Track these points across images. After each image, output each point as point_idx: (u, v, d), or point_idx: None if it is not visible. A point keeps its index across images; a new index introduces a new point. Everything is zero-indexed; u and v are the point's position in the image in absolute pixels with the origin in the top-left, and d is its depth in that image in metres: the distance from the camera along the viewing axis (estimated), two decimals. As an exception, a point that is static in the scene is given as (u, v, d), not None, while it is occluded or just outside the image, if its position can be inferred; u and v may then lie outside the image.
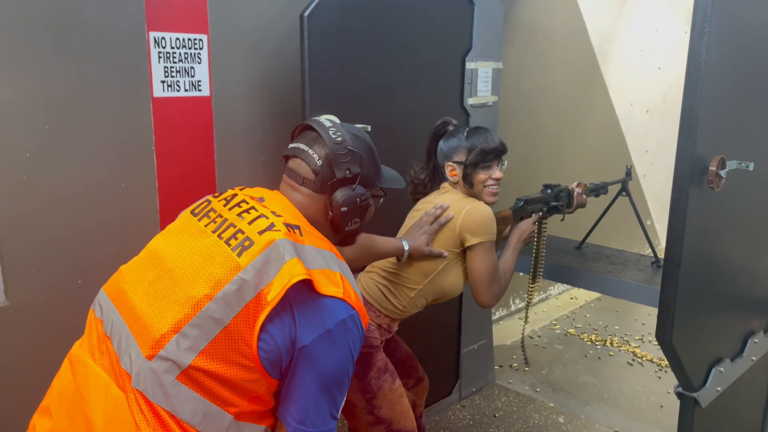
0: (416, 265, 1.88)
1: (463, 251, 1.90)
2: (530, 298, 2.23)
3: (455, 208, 1.87)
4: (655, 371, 3.48)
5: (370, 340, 1.85)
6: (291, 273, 1.13)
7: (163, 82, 2.06)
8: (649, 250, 5.03)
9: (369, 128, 2.31)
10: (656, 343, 3.73)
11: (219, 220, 1.26)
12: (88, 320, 1.30)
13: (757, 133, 1.82)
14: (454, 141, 1.93)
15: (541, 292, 4.46)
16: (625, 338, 3.91)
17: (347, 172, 1.32)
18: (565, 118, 4.24)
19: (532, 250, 2.16)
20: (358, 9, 2.23)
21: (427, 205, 1.95)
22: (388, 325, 1.93)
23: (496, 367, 3.41)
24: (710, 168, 1.57)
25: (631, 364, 3.56)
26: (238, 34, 2.24)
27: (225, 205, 1.30)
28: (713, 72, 1.51)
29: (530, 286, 2.21)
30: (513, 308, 4.21)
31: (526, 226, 2.06)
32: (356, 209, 1.34)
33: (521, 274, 2.47)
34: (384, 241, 1.83)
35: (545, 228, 2.14)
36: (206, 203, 1.35)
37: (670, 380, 3.36)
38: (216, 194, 1.38)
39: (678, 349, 1.65)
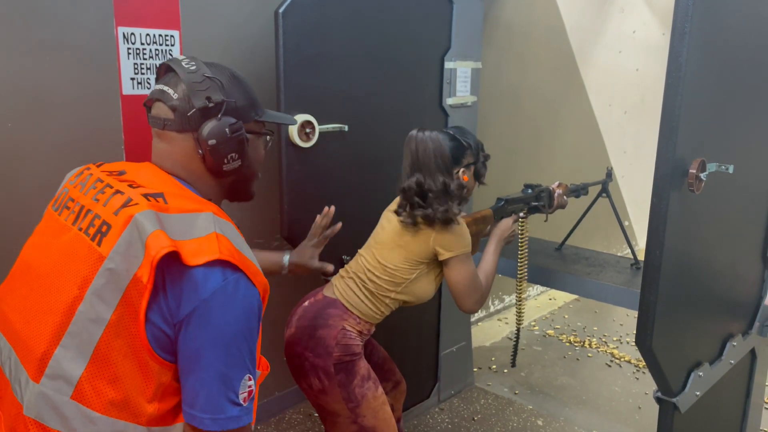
0: (388, 274, 1.85)
1: (436, 260, 1.86)
2: (520, 296, 2.20)
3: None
4: (633, 372, 3.48)
5: (351, 348, 1.81)
6: (155, 247, 1.00)
7: (132, 79, 2.00)
8: (627, 250, 5.08)
9: (346, 128, 2.27)
10: (634, 344, 3.75)
11: (77, 209, 1.13)
12: None
13: (736, 135, 1.81)
14: (454, 144, 1.85)
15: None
16: (604, 339, 3.91)
17: (207, 101, 1.17)
18: (544, 119, 4.23)
19: (516, 252, 2.14)
20: (335, 6, 2.18)
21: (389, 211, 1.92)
22: (368, 330, 1.90)
23: (475, 369, 3.38)
24: (690, 171, 1.55)
25: (610, 366, 3.56)
26: (212, 31, 2.18)
27: (81, 190, 1.17)
28: (694, 72, 1.49)
29: (518, 287, 2.19)
30: (492, 309, 4.19)
31: (507, 225, 2.04)
32: (228, 141, 1.19)
33: (500, 275, 2.45)
34: (262, 256, 1.80)
35: (527, 228, 2.11)
36: (64, 193, 1.20)
37: (648, 381, 3.36)
38: (73, 178, 1.23)
39: (658, 354, 1.63)
